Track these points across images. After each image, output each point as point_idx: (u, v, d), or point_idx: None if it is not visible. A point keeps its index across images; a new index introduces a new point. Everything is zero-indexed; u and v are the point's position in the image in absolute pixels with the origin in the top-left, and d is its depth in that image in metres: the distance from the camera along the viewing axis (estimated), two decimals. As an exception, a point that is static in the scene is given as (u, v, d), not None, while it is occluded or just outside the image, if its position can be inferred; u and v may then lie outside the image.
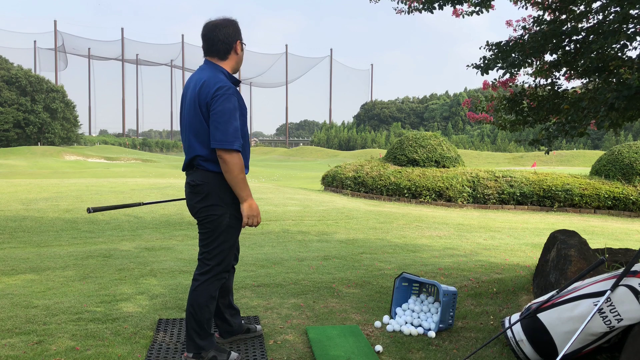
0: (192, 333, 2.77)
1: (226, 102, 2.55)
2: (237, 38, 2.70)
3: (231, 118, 2.56)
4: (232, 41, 2.68)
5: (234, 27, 2.70)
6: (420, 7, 4.79)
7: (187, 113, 2.69)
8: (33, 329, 3.25)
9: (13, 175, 23.21)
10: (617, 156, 13.56)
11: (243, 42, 2.77)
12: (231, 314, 3.10)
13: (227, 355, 2.82)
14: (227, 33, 2.67)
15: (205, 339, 2.78)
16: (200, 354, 2.77)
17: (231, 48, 2.69)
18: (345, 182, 14.90)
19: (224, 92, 2.55)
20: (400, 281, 3.74)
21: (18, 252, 6.22)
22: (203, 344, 2.77)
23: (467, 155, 42.41)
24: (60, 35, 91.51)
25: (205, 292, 2.76)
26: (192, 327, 2.77)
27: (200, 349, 2.77)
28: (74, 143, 70.11)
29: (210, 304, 2.78)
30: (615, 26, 3.85)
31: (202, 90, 2.60)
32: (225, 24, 2.68)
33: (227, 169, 2.56)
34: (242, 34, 2.77)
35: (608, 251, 4.36)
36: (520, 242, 7.64)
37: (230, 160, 2.55)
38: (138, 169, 30.77)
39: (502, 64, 4.46)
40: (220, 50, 2.68)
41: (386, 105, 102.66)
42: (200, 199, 2.69)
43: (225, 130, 2.53)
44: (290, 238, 7.25)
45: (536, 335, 2.74)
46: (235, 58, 2.73)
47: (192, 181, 2.71)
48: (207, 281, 2.76)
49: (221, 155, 2.55)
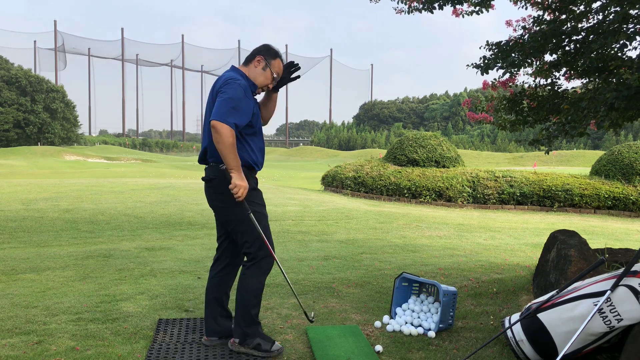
0: (239, 319, 2.93)
1: (231, 88, 2.80)
2: (262, 54, 3.00)
3: (231, 98, 2.77)
4: (256, 53, 3.02)
5: (265, 47, 3.04)
6: (420, 7, 4.79)
7: (207, 109, 2.95)
8: (33, 329, 3.25)
9: (13, 175, 23.21)
10: (617, 156, 13.56)
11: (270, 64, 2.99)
12: (221, 314, 3.12)
13: (271, 344, 2.95)
14: (257, 48, 3.05)
15: (251, 326, 2.94)
16: (246, 341, 2.92)
17: (253, 58, 3.01)
18: (345, 182, 14.90)
19: (232, 82, 2.82)
20: (400, 281, 3.74)
21: (18, 252, 6.22)
22: (249, 331, 2.93)
23: (467, 155, 42.39)
24: (60, 35, 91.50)
25: (254, 279, 2.92)
26: (241, 314, 2.93)
27: (247, 336, 2.92)
28: (74, 143, 70.09)
29: (259, 292, 2.94)
30: (615, 26, 3.85)
31: (217, 82, 2.92)
32: (262, 45, 3.07)
33: (219, 139, 2.72)
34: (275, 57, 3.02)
35: (608, 251, 4.36)
36: (520, 242, 7.64)
37: (222, 131, 2.71)
38: (138, 169, 30.77)
39: (502, 63, 4.45)
40: (247, 57, 3.06)
41: (386, 105, 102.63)
42: (215, 192, 2.91)
43: (225, 107, 2.74)
44: (290, 238, 7.25)
45: (536, 335, 2.74)
46: (254, 70, 2.99)
47: (207, 177, 2.94)
48: (255, 267, 2.92)
49: (214, 125, 2.72)
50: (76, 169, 30.02)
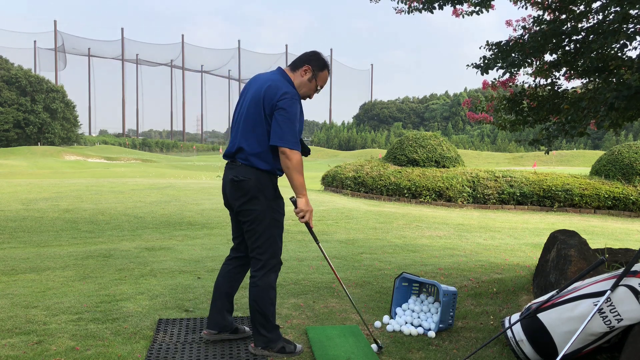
0: (259, 326, 2.93)
1: (293, 105, 2.77)
2: (310, 63, 2.93)
3: (295, 120, 2.78)
4: (305, 61, 2.94)
5: (315, 56, 2.97)
6: (420, 7, 4.79)
7: (247, 108, 2.87)
8: (33, 329, 3.25)
9: (13, 175, 23.22)
10: (617, 156, 13.56)
11: (316, 75, 2.93)
12: (228, 309, 3.14)
13: (294, 347, 2.97)
14: (307, 55, 2.98)
15: (272, 331, 2.94)
16: (269, 345, 2.92)
17: (301, 66, 2.93)
18: (345, 182, 14.90)
19: (291, 97, 2.78)
20: (400, 281, 3.74)
21: (18, 252, 6.22)
22: (271, 336, 2.93)
23: (467, 155, 42.40)
24: (60, 35, 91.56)
25: (265, 285, 2.91)
26: (258, 320, 2.92)
27: (269, 341, 2.92)
28: (74, 143, 70.11)
29: (272, 296, 2.93)
30: (615, 26, 3.85)
31: (268, 89, 2.80)
32: (312, 52, 3.00)
33: (291, 165, 2.77)
34: (323, 69, 2.96)
35: (608, 251, 4.36)
36: (520, 242, 7.64)
37: (294, 157, 2.77)
38: (138, 169, 30.78)
39: (502, 63, 4.45)
40: (295, 63, 2.98)
41: (386, 105, 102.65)
42: (243, 194, 2.88)
43: (290, 130, 2.75)
44: (290, 238, 7.25)
45: (536, 335, 2.74)
46: (300, 79, 2.92)
47: (236, 177, 2.88)
48: (265, 275, 2.91)
49: (285, 152, 2.76)
50: (76, 169, 30.03)
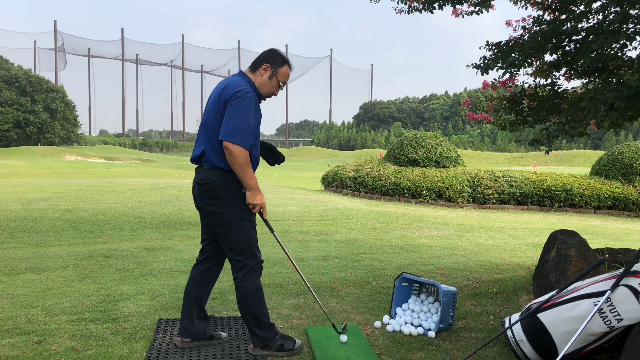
0: (252, 327, 2.92)
1: (243, 102, 2.75)
2: (268, 61, 2.92)
3: (244, 116, 2.73)
4: (263, 60, 2.94)
5: (272, 53, 2.97)
6: (420, 7, 4.79)
7: (208, 112, 2.90)
8: (33, 329, 3.25)
9: (13, 175, 23.22)
10: (617, 156, 13.56)
11: (276, 72, 2.92)
12: (198, 316, 3.05)
13: (293, 342, 2.96)
14: (264, 53, 2.97)
15: (267, 329, 2.93)
16: (268, 344, 2.91)
17: (260, 65, 2.93)
18: (345, 182, 14.90)
19: (243, 94, 2.76)
20: (400, 281, 3.74)
21: (18, 252, 6.22)
22: (266, 335, 2.92)
23: (467, 155, 42.40)
24: (60, 35, 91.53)
25: (249, 286, 2.88)
26: (250, 321, 2.91)
27: (266, 340, 2.91)
28: (74, 143, 70.11)
29: (259, 295, 2.91)
30: (615, 26, 3.84)
31: (224, 90, 2.82)
32: (269, 50, 3.00)
33: (233, 160, 2.72)
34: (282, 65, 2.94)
35: (608, 251, 4.36)
36: (520, 242, 7.64)
37: (236, 152, 2.70)
38: (138, 169, 30.78)
39: (502, 63, 4.45)
40: (254, 63, 2.97)
41: (386, 105, 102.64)
42: (210, 196, 2.84)
43: (237, 126, 2.71)
44: (290, 238, 7.25)
45: (536, 335, 2.74)
46: (260, 78, 2.92)
47: (201, 180, 2.86)
48: (246, 276, 2.89)
49: (227, 147, 2.70)
50: (76, 169, 30.03)
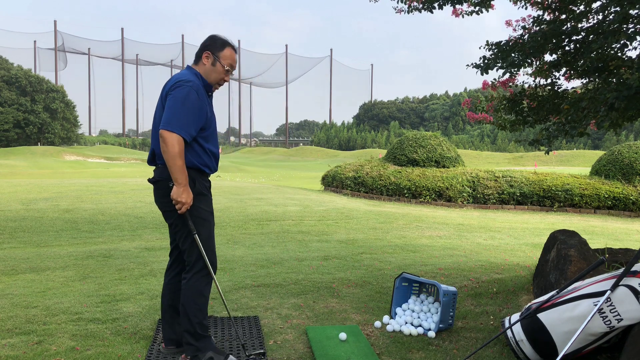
0: (188, 336, 2.77)
1: (182, 92, 2.67)
2: (208, 49, 2.84)
3: (182, 105, 2.64)
4: (202, 49, 2.86)
5: (211, 39, 2.87)
6: (419, 6, 4.79)
7: (157, 110, 2.84)
8: (33, 329, 3.25)
9: (13, 175, 23.22)
10: (617, 156, 13.56)
11: (218, 57, 2.83)
12: (178, 322, 2.95)
13: (225, 357, 2.77)
14: (203, 43, 2.88)
15: (200, 340, 2.76)
16: (197, 356, 2.74)
17: (201, 54, 2.85)
18: (345, 182, 14.90)
19: (182, 84, 2.69)
20: (400, 281, 3.74)
21: (18, 252, 6.22)
22: (199, 345, 2.75)
23: (467, 155, 42.40)
24: (60, 35, 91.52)
25: (193, 290, 2.76)
26: (185, 326, 2.77)
27: (197, 351, 2.74)
28: (74, 143, 70.13)
29: (201, 303, 2.78)
30: (615, 26, 3.84)
31: (167, 84, 2.78)
32: (207, 37, 2.91)
33: (165, 149, 2.61)
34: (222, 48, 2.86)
35: (608, 251, 4.36)
36: (520, 242, 7.64)
37: (170, 141, 2.59)
38: (138, 169, 30.78)
39: (502, 63, 4.45)
40: (196, 54, 2.90)
41: (386, 105, 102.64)
42: (162, 194, 2.77)
43: (175, 115, 2.63)
44: (290, 238, 7.25)
45: (536, 335, 2.74)
46: (204, 67, 2.84)
47: (154, 178, 2.82)
48: (193, 279, 2.78)
49: (161, 134, 2.61)
50: (76, 169, 30.03)
